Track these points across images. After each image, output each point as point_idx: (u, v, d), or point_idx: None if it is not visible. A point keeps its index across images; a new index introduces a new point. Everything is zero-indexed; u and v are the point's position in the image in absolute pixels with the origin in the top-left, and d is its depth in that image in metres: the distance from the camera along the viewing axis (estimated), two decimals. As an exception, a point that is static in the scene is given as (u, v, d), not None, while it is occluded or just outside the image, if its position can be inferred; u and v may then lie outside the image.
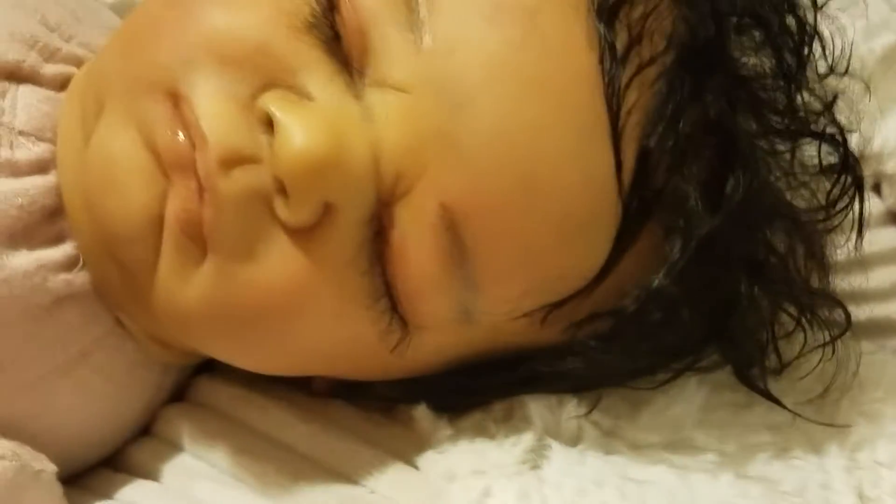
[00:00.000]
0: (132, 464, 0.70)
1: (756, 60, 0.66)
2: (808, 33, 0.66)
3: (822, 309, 0.69)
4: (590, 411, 0.67)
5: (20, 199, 0.63)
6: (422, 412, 0.67)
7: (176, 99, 0.60)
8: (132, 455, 0.70)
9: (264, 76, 0.60)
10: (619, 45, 0.60)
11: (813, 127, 0.67)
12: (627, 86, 0.60)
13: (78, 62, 0.68)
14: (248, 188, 0.59)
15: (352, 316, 0.62)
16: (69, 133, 0.65)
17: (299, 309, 0.61)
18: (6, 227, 0.62)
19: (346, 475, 0.66)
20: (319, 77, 0.60)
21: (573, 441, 0.66)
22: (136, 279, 0.62)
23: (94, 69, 0.66)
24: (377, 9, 0.60)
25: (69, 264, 0.64)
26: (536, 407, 0.66)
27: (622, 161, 0.60)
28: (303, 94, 0.60)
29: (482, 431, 0.66)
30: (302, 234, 0.59)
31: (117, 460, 0.71)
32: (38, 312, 0.63)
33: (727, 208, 0.62)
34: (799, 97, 0.67)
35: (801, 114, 0.67)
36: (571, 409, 0.66)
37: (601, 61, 0.60)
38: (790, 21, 0.66)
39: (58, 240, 0.64)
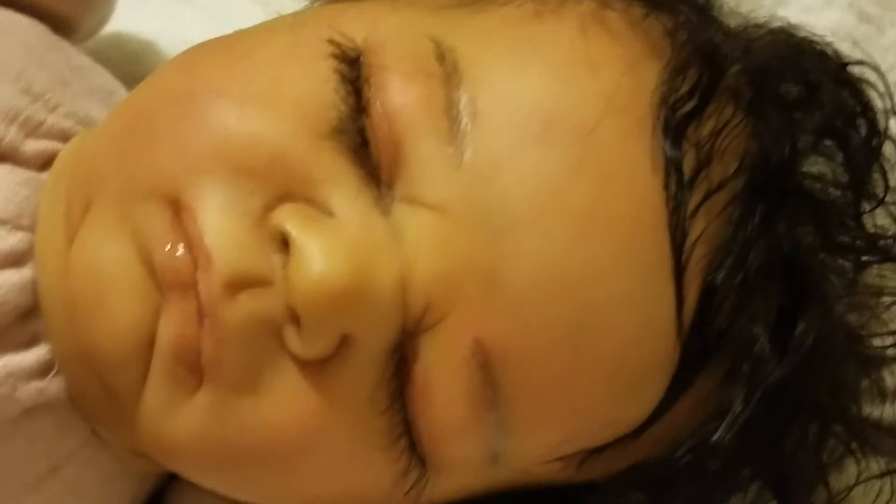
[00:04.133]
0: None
1: (820, 169, 0.59)
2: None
3: (876, 440, 0.63)
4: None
5: (5, 299, 0.55)
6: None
7: (177, 208, 0.52)
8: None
9: (280, 187, 0.52)
10: (687, 168, 0.53)
11: (882, 245, 0.60)
12: (694, 214, 0.53)
13: (64, 136, 0.61)
14: (255, 315, 0.51)
15: (366, 458, 0.54)
16: (50, 225, 0.58)
17: (307, 450, 0.54)
18: None
19: None
20: (343, 190, 0.53)
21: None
22: (120, 399, 0.55)
23: (83, 156, 0.58)
24: (412, 116, 0.53)
25: (42, 370, 0.57)
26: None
27: (684, 299, 0.53)
28: (323, 210, 0.52)
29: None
30: (314, 367, 0.52)
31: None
32: (4, 426, 0.56)
33: (798, 354, 0.55)
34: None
35: (870, 233, 0.60)
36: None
37: (666, 187, 0.52)
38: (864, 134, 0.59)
39: (30, 343, 0.57)
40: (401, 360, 0.53)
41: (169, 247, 0.52)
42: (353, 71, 0.54)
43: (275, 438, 0.53)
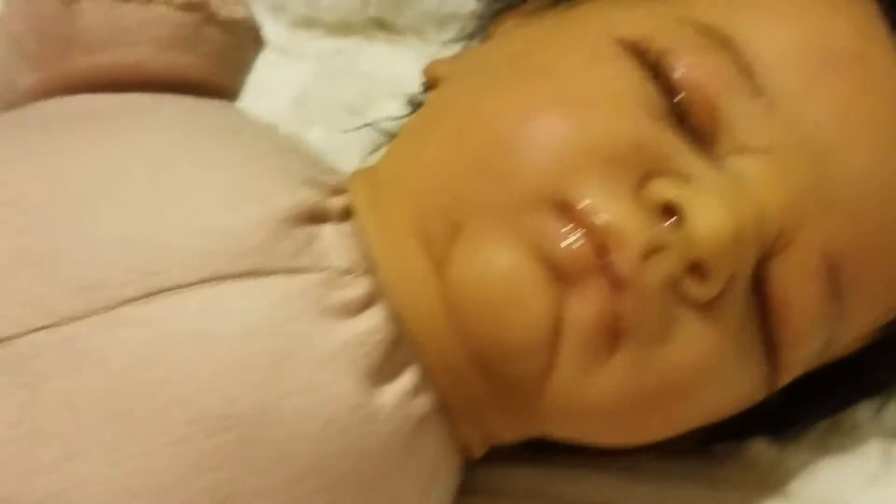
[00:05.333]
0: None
1: None
2: None
3: None
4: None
5: (377, 336, 0.61)
6: (761, 445, 0.72)
7: (564, 208, 0.60)
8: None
9: (643, 168, 0.61)
10: None
11: None
12: None
13: (340, 189, 0.67)
14: (664, 276, 0.60)
15: (742, 373, 0.64)
16: (402, 260, 0.64)
17: (706, 380, 0.63)
18: (370, 366, 0.61)
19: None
20: (689, 158, 0.62)
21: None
22: (519, 386, 0.63)
23: (416, 191, 0.65)
24: (718, 83, 0.62)
25: (416, 390, 0.63)
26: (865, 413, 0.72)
27: None
28: (683, 177, 0.61)
29: (826, 449, 0.71)
30: (705, 309, 0.61)
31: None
32: (409, 441, 0.62)
33: None
34: None
35: None
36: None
37: None
38: None
39: (402, 367, 0.63)
40: (756, 284, 0.63)
41: (568, 241, 0.60)
42: (647, 60, 0.63)
43: (685, 377, 0.62)
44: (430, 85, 0.73)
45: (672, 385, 0.62)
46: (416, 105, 0.80)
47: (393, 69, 0.95)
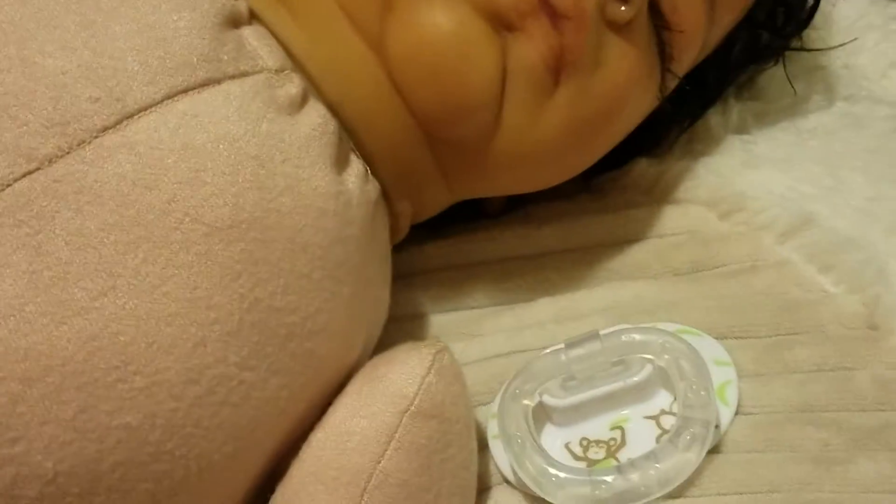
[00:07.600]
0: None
1: None
2: None
3: None
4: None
5: (331, 126, 0.63)
6: (641, 165, 0.79)
7: None
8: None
9: None
10: None
11: None
12: None
13: None
14: (595, 3, 0.65)
15: (650, 87, 0.72)
16: (327, 52, 0.66)
17: (632, 97, 0.70)
18: (332, 156, 0.63)
19: (622, 239, 0.77)
20: None
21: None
22: (468, 145, 0.67)
23: None
24: None
25: (365, 176, 0.66)
26: (714, 117, 0.82)
27: None
28: None
29: (695, 154, 0.80)
30: (623, 32, 0.67)
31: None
32: (372, 226, 0.65)
33: None
34: None
35: None
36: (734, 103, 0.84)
37: None
38: None
39: (348, 155, 0.65)
40: (653, 6, 0.69)
41: None
42: None
43: (619, 96, 0.69)
44: None
45: (609, 105, 0.69)
46: None
47: None
